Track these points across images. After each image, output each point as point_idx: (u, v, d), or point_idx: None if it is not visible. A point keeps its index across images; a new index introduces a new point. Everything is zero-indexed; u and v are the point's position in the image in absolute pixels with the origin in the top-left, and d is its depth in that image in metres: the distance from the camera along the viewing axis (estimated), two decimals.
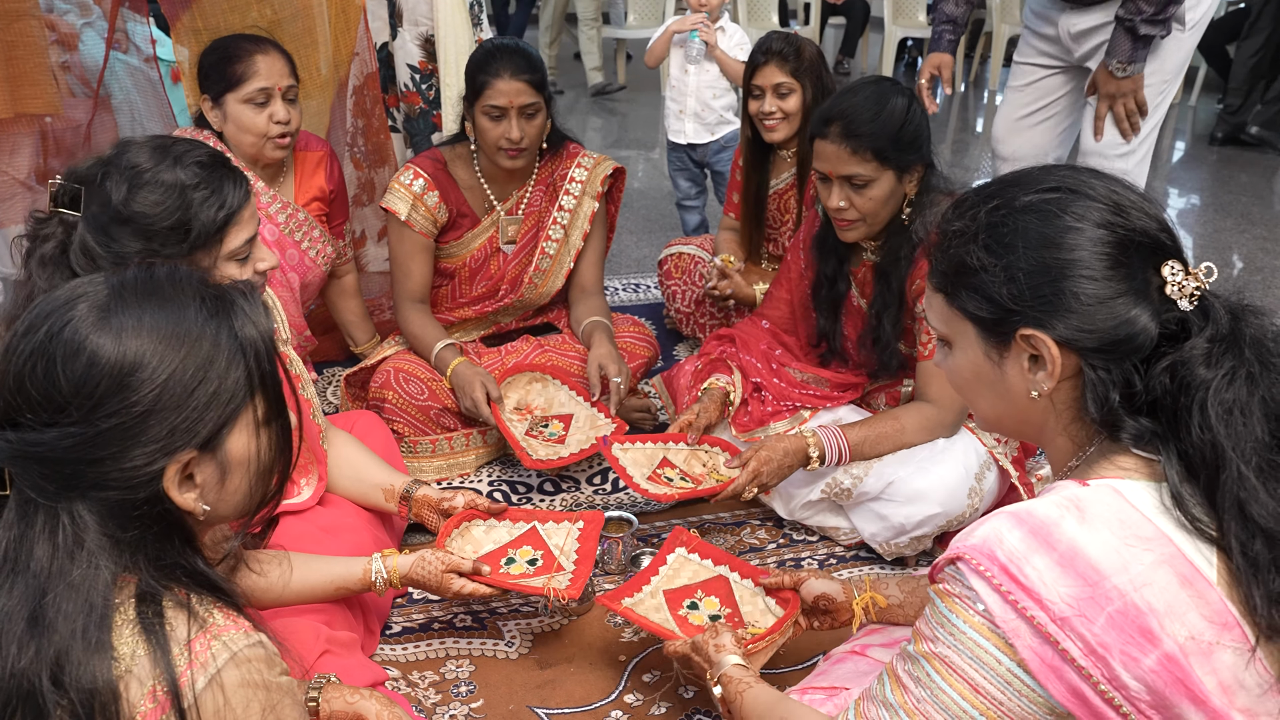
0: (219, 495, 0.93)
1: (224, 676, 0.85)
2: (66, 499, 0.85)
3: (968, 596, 0.91)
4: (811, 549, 2.09)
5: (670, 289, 2.93)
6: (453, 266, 2.44)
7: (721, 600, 1.71)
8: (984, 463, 1.94)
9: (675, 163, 3.49)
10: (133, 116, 3.28)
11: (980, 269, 0.99)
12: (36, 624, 0.82)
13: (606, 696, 1.68)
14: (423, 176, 2.33)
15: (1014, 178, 1.04)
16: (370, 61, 2.71)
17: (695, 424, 2.04)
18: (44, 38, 2.67)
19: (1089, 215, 0.96)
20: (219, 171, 1.45)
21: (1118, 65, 2.29)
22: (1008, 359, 1.01)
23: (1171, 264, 0.94)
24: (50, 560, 0.84)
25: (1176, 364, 0.92)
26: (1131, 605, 0.86)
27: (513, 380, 2.36)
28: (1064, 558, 0.88)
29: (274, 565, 1.46)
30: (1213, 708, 0.85)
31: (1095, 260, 0.95)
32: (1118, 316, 0.94)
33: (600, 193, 2.43)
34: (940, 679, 0.92)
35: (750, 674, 1.34)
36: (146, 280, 0.92)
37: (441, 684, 1.71)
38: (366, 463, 1.84)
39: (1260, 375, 0.91)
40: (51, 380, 0.85)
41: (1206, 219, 4.39)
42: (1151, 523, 0.89)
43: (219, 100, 2.15)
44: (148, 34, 3.25)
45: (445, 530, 1.74)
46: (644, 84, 7.22)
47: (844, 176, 1.86)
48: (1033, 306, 0.97)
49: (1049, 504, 0.91)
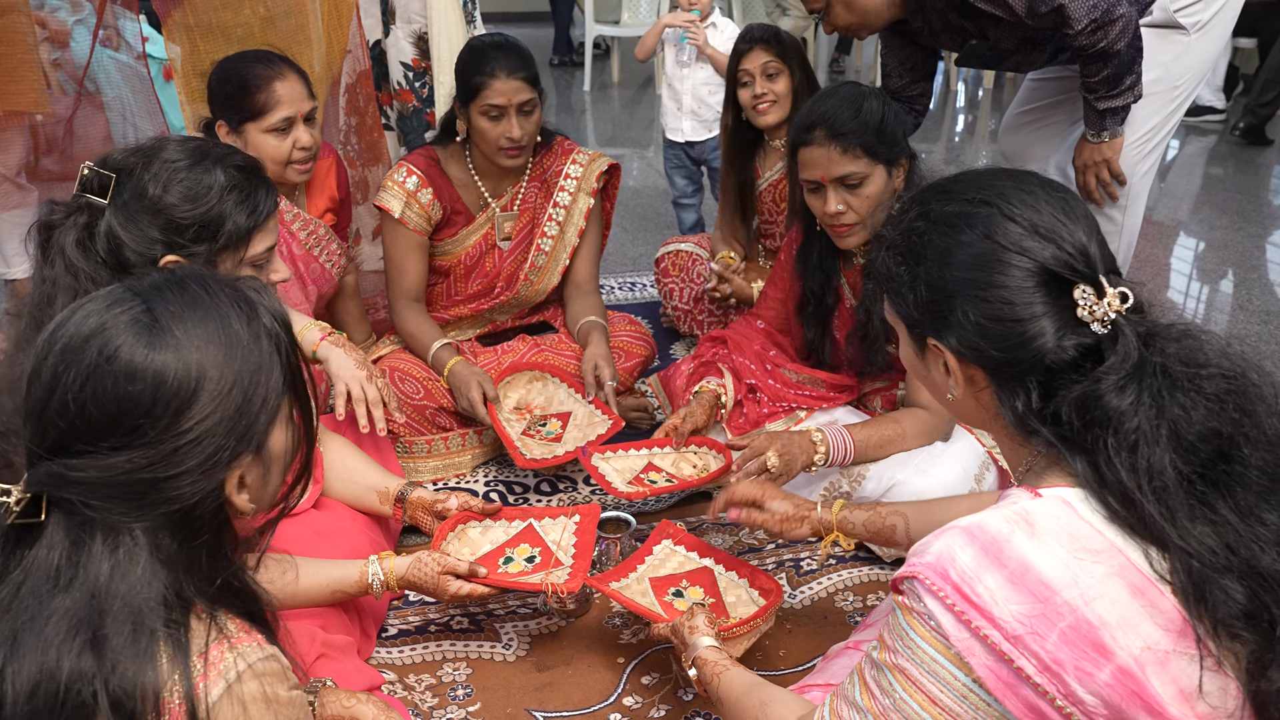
0: (262, 492, 0.95)
1: (244, 690, 0.85)
2: (129, 517, 0.85)
3: (923, 613, 0.91)
4: (810, 549, 2.07)
5: (667, 287, 2.92)
6: (448, 264, 2.42)
7: (706, 590, 1.74)
8: (983, 463, 1.93)
9: (672, 160, 3.47)
10: (123, 114, 3.26)
11: (893, 276, 1.05)
12: (98, 644, 0.81)
13: (605, 699, 1.66)
14: (416, 174, 2.31)
15: (948, 184, 1.06)
16: (363, 59, 2.69)
17: (680, 428, 2.01)
18: (32, 33, 2.65)
19: (999, 236, 0.97)
20: (254, 178, 1.48)
21: (1091, 133, 2.29)
22: (928, 361, 1.06)
23: (1083, 288, 0.95)
24: (110, 578, 0.83)
25: (1086, 394, 0.93)
26: (1083, 620, 0.86)
27: (512, 379, 2.34)
28: (1014, 575, 0.88)
29: (278, 570, 1.45)
30: (1170, 717, 0.85)
31: (996, 281, 0.96)
32: (1010, 337, 0.95)
33: (595, 189, 2.42)
34: (901, 690, 0.93)
35: (725, 656, 1.36)
36: (181, 290, 0.91)
37: (438, 687, 1.69)
38: (360, 465, 1.83)
39: (1167, 404, 0.90)
40: (119, 403, 0.84)
41: (1203, 216, 4.39)
42: (1100, 534, 0.89)
43: (238, 128, 2.07)
44: (139, 31, 3.22)
45: (440, 533, 1.72)
46: (638, 81, 7.21)
47: (837, 179, 1.85)
48: (932, 318, 1.01)
49: (1000, 518, 0.91)
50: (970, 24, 2.21)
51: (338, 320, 2.64)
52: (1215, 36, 2.36)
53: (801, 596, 1.92)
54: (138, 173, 1.39)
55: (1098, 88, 2.17)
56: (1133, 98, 2.19)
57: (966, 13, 2.15)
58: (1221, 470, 0.90)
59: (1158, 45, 2.29)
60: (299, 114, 2.07)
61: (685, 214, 3.55)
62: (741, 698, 1.25)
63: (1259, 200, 4.61)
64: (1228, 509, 0.89)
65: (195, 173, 1.41)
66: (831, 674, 1.42)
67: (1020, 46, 2.27)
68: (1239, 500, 0.89)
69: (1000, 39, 2.25)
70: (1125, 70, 2.12)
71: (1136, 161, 2.38)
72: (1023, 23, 2.09)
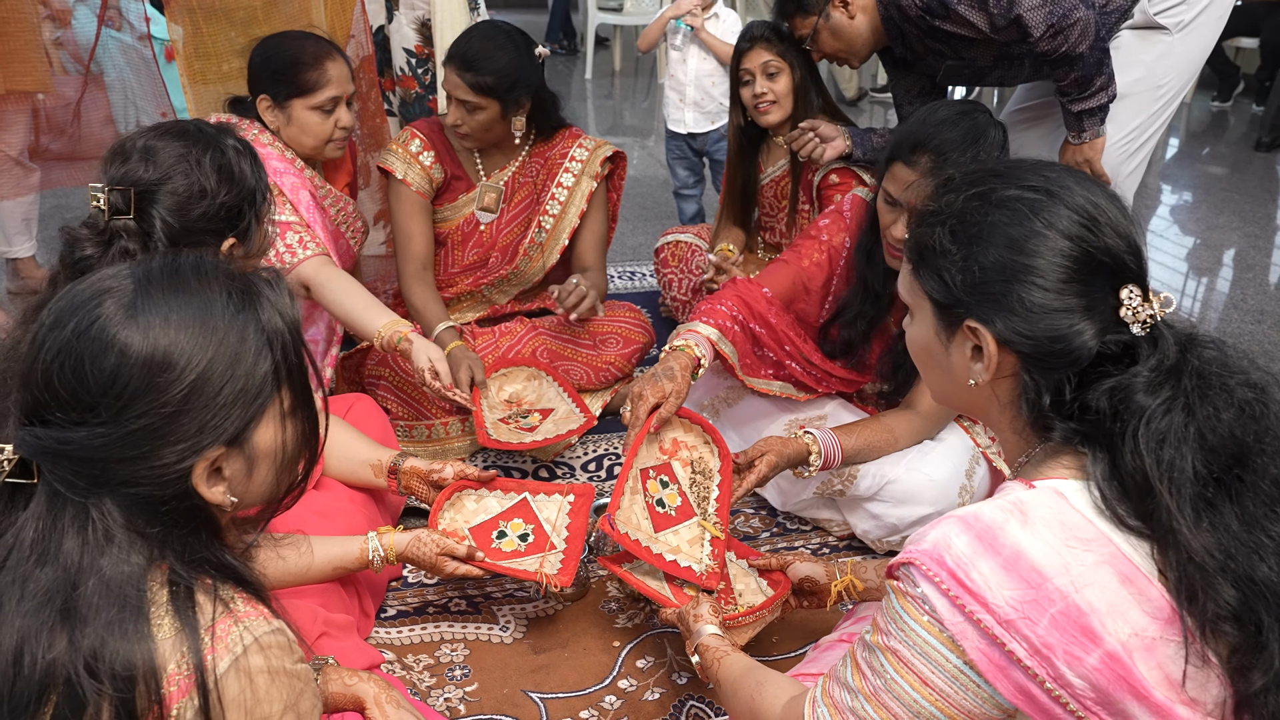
0: (246, 487, 0.93)
1: (249, 662, 0.85)
2: (95, 495, 0.85)
3: (918, 598, 0.93)
4: (804, 538, 2.09)
5: (666, 277, 2.93)
6: (445, 231, 2.46)
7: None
8: (973, 457, 1.95)
9: (674, 151, 3.48)
10: (125, 95, 3.26)
11: (942, 253, 1.02)
12: (69, 616, 0.81)
13: (600, 681, 1.69)
14: (419, 137, 2.37)
15: (1003, 168, 1.05)
16: (366, 45, 2.69)
17: (663, 413, 1.71)
18: (35, 14, 2.65)
19: (1058, 223, 0.97)
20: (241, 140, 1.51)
21: (1071, 135, 2.30)
22: (954, 343, 1.04)
23: (1131, 288, 0.96)
24: (80, 553, 0.83)
25: (1118, 388, 0.94)
26: (1073, 606, 0.88)
27: (510, 372, 2.37)
28: (1008, 561, 0.90)
29: (291, 549, 1.47)
30: (1155, 701, 0.87)
31: (1051, 270, 0.96)
32: (1058, 328, 0.96)
33: (599, 174, 2.44)
34: (893, 670, 0.95)
35: (726, 643, 1.38)
36: (172, 272, 0.90)
37: (436, 667, 1.71)
38: (353, 440, 1.84)
39: (1197, 407, 0.92)
40: (80, 378, 0.83)
41: (1200, 216, 4.41)
42: (1092, 524, 0.91)
43: (284, 103, 2.10)
44: (142, 11, 3.22)
45: (437, 504, 1.74)
46: (639, 72, 7.20)
47: None
48: (980, 300, 0.99)
49: (995, 508, 0.93)
50: (945, 46, 2.22)
51: None
52: (1201, 36, 2.37)
53: None
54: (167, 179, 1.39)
55: (1069, 90, 2.19)
56: (1106, 98, 2.20)
57: (938, 36, 2.17)
58: (1236, 476, 0.92)
59: (1139, 46, 2.30)
60: (344, 95, 2.14)
61: (686, 205, 3.56)
62: (738, 680, 1.27)
63: (1257, 200, 4.63)
64: (1234, 515, 0.91)
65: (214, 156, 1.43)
66: (823, 664, 1.45)
67: (997, 63, 2.29)
68: (1247, 508, 0.91)
69: (976, 57, 2.26)
70: (1093, 72, 2.13)
71: (1120, 161, 2.40)
72: (990, 39, 2.10)
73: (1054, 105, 2.49)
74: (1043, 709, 0.89)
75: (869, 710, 0.96)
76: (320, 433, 0.98)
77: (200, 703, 0.82)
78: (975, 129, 1.75)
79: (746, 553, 1.80)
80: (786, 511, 2.14)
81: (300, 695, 0.89)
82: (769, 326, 2.01)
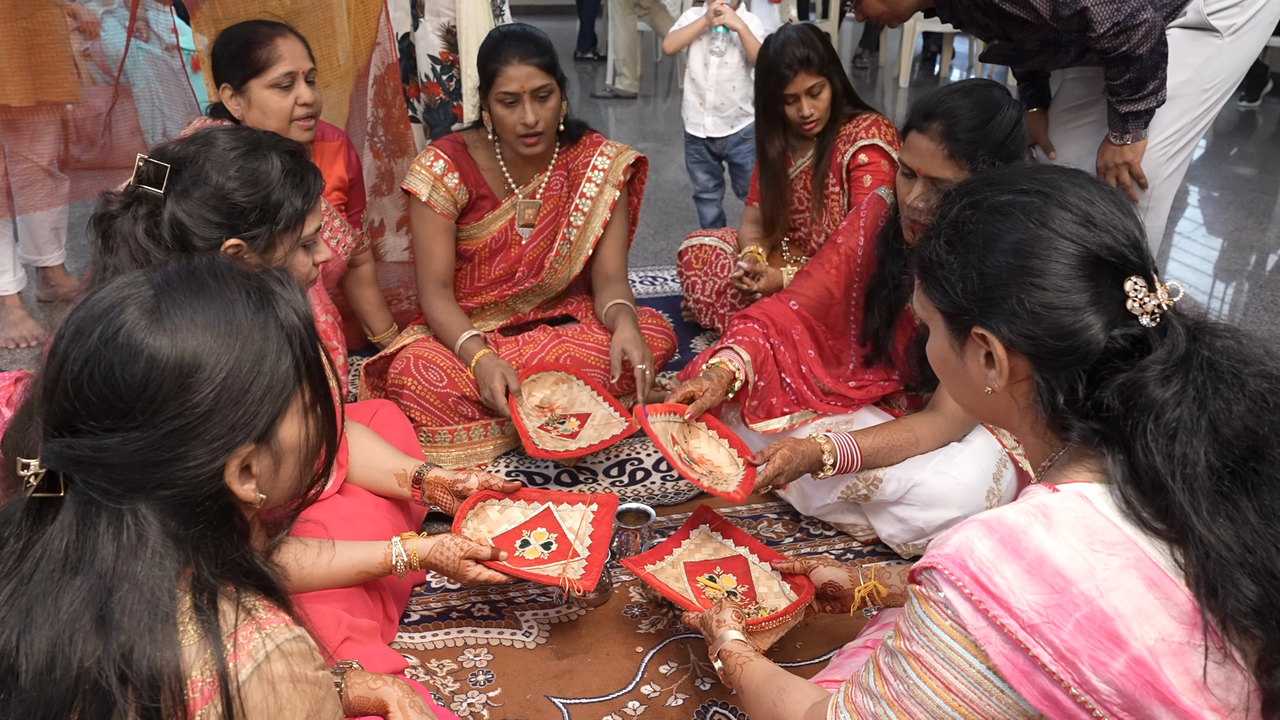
0: (273, 483, 0.94)
1: (272, 669, 0.86)
2: (130, 500, 0.86)
3: (941, 602, 0.93)
4: (828, 544, 2.08)
5: (690, 280, 2.93)
6: (472, 248, 2.45)
7: (738, 579, 1.75)
8: (1000, 461, 1.93)
9: (694, 155, 3.48)
10: (154, 105, 3.30)
11: (942, 264, 1.03)
12: (104, 623, 0.82)
13: (623, 687, 1.68)
14: (443, 158, 2.35)
15: (996, 176, 1.06)
16: (391, 51, 2.71)
17: (700, 404, 1.91)
18: (65, 27, 2.69)
19: (1053, 224, 0.97)
20: (303, 162, 1.53)
21: (1114, 135, 2.28)
22: (967, 353, 1.05)
23: (1135, 280, 0.95)
24: (115, 559, 0.84)
25: (1129, 382, 0.93)
26: (1098, 610, 0.87)
27: (539, 378, 2.36)
28: (1031, 565, 0.89)
29: (315, 552, 1.48)
30: (1183, 708, 0.86)
31: (1050, 269, 0.96)
32: (1063, 326, 0.95)
33: (622, 181, 2.44)
34: (916, 676, 0.94)
35: (749, 649, 1.38)
36: (189, 275, 0.91)
37: (459, 672, 1.71)
38: (378, 449, 1.85)
39: (1210, 397, 0.91)
40: (111, 385, 0.85)
41: (1228, 217, 4.36)
42: (1117, 528, 0.90)
43: (241, 87, 2.15)
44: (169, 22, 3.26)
45: (461, 512, 1.75)
46: (659, 76, 7.20)
47: (931, 178, 1.79)
48: (984, 307, 1.00)
49: (1018, 511, 0.92)
50: (994, 24, 2.19)
51: (356, 308, 2.67)
52: (1249, 42, 2.32)
53: None
54: (199, 162, 1.44)
55: (1120, 90, 2.16)
56: (1156, 102, 2.18)
57: (991, 13, 2.14)
58: (1252, 469, 0.91)
59: (1188, 47, 2.26)
60: (301, 71, 2.16)
61: (706, 209, 3.56)
62: (760, 685, 1.27)
63: None
64: (1251, 509, 0.89)
65: (252, 159, 1.46)
66: (847, 670, 1.44)
67: (1044, 48, 2.26)
68: (1264, 501, 0.90)
69: (1024, 40, 2.24)
70: (1148, 75, 2.11)
71: (1160, 164, 2.36)
72: (1047, 25, 2.07)
73: (1100, 105, 2.46)
74: (1068, 715, 0.88)
75: (891, 715, 0.96)
76: (338, 425, 1.00)
77: (223, 709, 0.83)
78: (989, 101, 1.77)
79: (769, 555, 1.80)
80: (810, 516, 2.13)
81: (322, 703, 0.90)
82: (791, 345, 2.09)
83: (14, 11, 2.50)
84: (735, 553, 1.82)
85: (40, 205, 2.85)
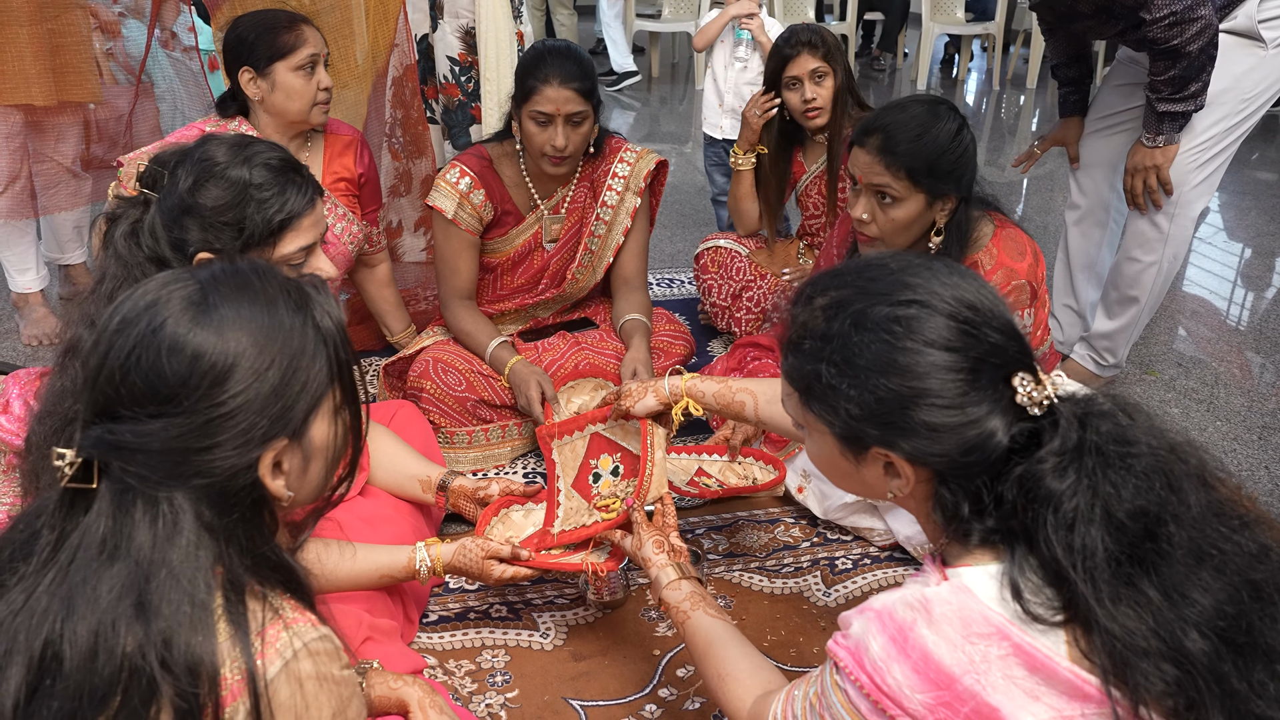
0: (301, 481, 0.96)
1: (299, 667, 0.87)
2: (167, 487, 0.87)
3: (844, 689, 0.98)
4: (845, 548, 2.08)
5: (706, 283, 2.93)
6: (495, 261, 2.45)
7: (626, 470, 1.80)
8: None
9: (712, 157, 3.47)
10: (175, 105, 3.32)
11: (831, 388, 1.00)
12: (143, 609, 0.84)
13: (641, 690, 1.69)
14: (469, 175, 2.33)
15: (868, 279, 1.02)
16: (410, 53, 2.72)
17: (732, 442, 2.04)
18: (88, 27, 2.71)
19: (937, 338, 0.96)
20: (286, 175, 1.48)
21: (1146, 136, 2.25)
22: (864, 464, 1.03)
23: (1022, 375, 0.95)
24: (151, 546, 0.86)
25: (1027, 475, 0.94)
26: (984, 704, 0.89)
27: (577, 384, 2.36)
28: (918, 664, 0.92)
29: (337, 553, 1.49)
30: None
31: (944, 388, 0.96)
32: (968, 440, 0.95)
33: (643, 188, 2.43)
34: None
35: (687, 598, 1.40)
36: (235, 275, 0.95)
37: (478, 673, 1.72)
38: (403, 455, 1.86)
39: (1101, 483, 0.91)
40: (158, 372, 0.87)
41: (1249, 223, 4.32)
42: (987, 620, 0.91)
43: (266, 70, 2.17)
44: (188, 21, 3.28)
45: (484, 518, 1.76)
46: (675, 77, 7.20)
47: (874, 186, 1.82)
48: (883, 429, 0.99)
49: (905, 604, 0.94)
50: None
51: (374, 309, 2.68)
52: None
53: (836, 595, 1.93)
54: (174, 169, 1.44)
55: (1162, 88, 2.14)
56: (1194, 106, 2.16)
57: None
58: (1149, 548, 0.91)
59: (1232, 55, 2.23)
60: (321, 54, 2.21)
61: (724, 210, 3.55)
62: (701, 660, 1.32)
63: None
64: (1154, 588, 0.90)
65: (224, 169, 1.43)
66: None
67: (1097, 13, 2.22)
68: (1164, 578, 0.90)
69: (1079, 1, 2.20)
70: (1193, 75, 2.08)
71: (1190, 170, 2.33)
72: None
73: (1136, 116, 2.44)
74: None
75: None
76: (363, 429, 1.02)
77: (251, 705, 0.84)
78: (927, 117, 1.80)
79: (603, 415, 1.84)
80: (828, 521, 2.13)
81: (348, 702, 0.91)
82: None
83: (39, 14, 2.52)
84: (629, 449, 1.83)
85: (64, 206, 2.87)
